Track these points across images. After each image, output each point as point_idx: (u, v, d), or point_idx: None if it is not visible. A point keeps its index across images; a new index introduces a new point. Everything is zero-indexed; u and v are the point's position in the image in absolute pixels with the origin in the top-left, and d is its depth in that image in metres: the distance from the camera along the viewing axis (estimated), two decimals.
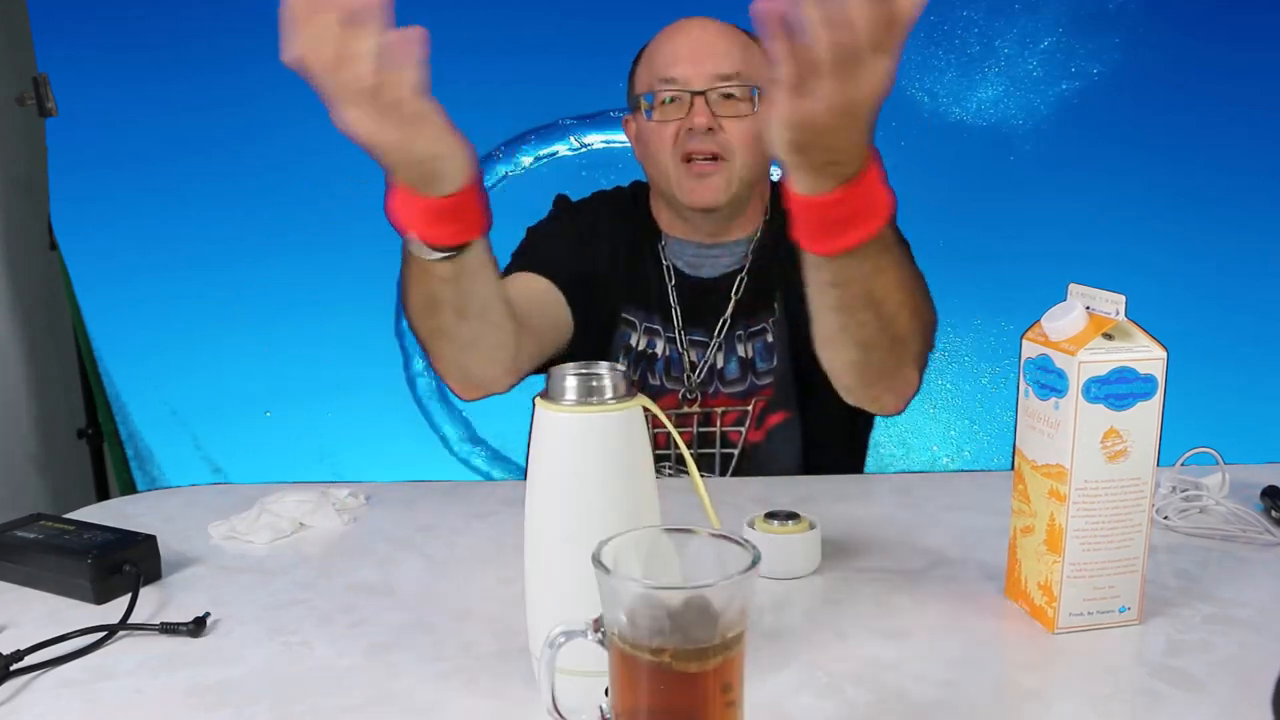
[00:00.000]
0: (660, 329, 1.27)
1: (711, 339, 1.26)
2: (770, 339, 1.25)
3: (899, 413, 1.04)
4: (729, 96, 1.16)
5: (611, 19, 1.45)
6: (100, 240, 2.18)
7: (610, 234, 1.30)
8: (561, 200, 1.36)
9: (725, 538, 0.54)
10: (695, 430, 1.25)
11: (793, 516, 0.87)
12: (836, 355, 0.94)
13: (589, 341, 1.24)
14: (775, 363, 1.24)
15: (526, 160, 2.29)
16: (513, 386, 1.08)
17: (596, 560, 0.51)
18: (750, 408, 1.24)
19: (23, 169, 2.27)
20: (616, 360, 1.27)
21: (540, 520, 0.64)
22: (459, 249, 0.85)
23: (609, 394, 0.62)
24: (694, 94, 1.16)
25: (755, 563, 0.51)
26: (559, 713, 0.57)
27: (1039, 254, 2.16)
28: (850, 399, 1.01)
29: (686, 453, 0.66)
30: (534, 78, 2.19)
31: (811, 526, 0.88)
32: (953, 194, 2.23)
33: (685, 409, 1.25)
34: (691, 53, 1.17)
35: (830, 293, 0.85)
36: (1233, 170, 2.19)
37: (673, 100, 1.17)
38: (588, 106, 2.19)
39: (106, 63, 2.15)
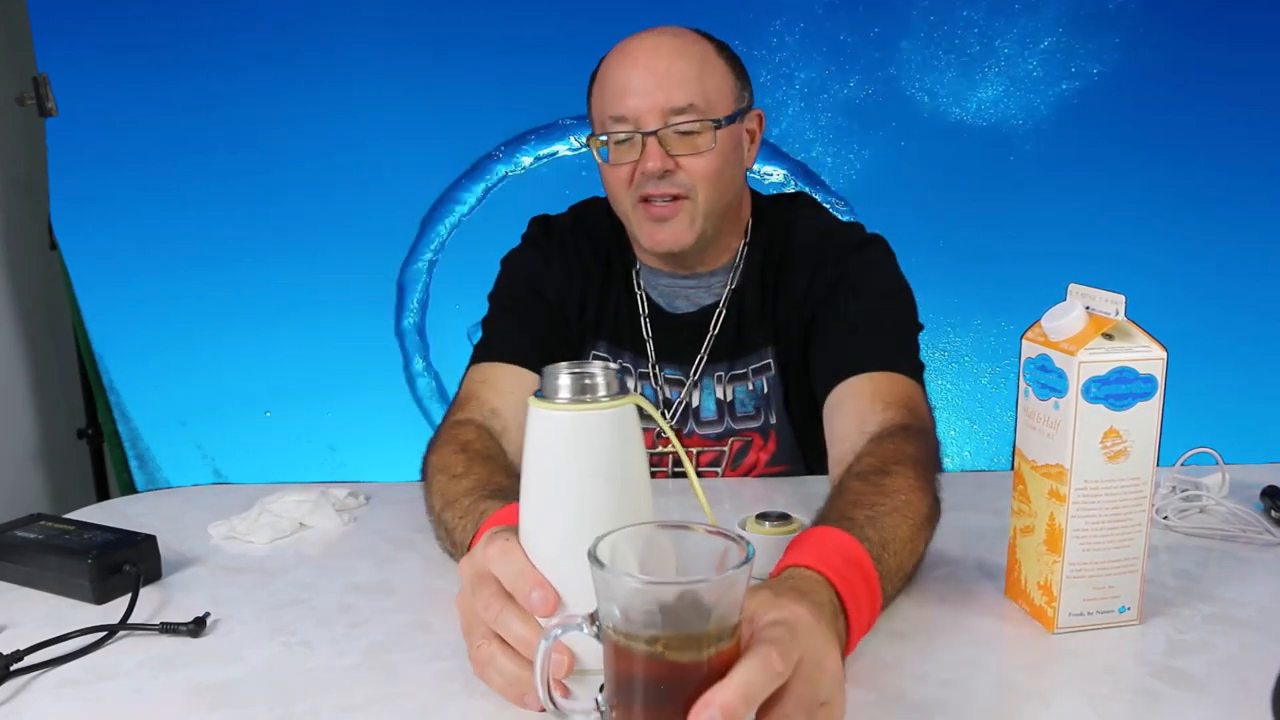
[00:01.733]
0: (632, 366, 1.21)
1: (688, 378, 1.19)
2: (751, 387, 1.18)
3: None
4: (686, 133, 1.07)
5: (612, 19, 1.45)
6: (100, 240, 2.18)
7: (581, 265, 1.22)
8: (534, 229, 1.26)
9: (720, 533, 0.54)
10: (670, 471, 1.20)
11: (784, 518, 0.87)
12: None
13: None
14: (767, 412, 1.18)
15: (526, 160, 2.29)
16: None
17: (592, 555, 0.52)
18: (726, 449, 1.19)
19: (23, 169, 2.27)
20: None
21: (534, 518, 0.64)
22: None
23: (602, 392, 0.62)
24: (645, 135, 1.06)
25: (749, 559, 0.51)
26: (555, 706, 0.58)
27: (1039, 254, 2.16)
28: None
29: (681, 451, 0.65)
30: (534, 78, 2.19)
31: (803, 527, 0.87)
32: (953, 194, 2.23)
33: (660, 448, 1.19)
34: (642, 84, 1.06)
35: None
36: (1233, 170, 2.19)
37: (626, 140, 1.08)
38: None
39: (106, 63, 2.15)
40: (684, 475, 1.16)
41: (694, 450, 1.19)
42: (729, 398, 1.18)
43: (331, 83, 2.21)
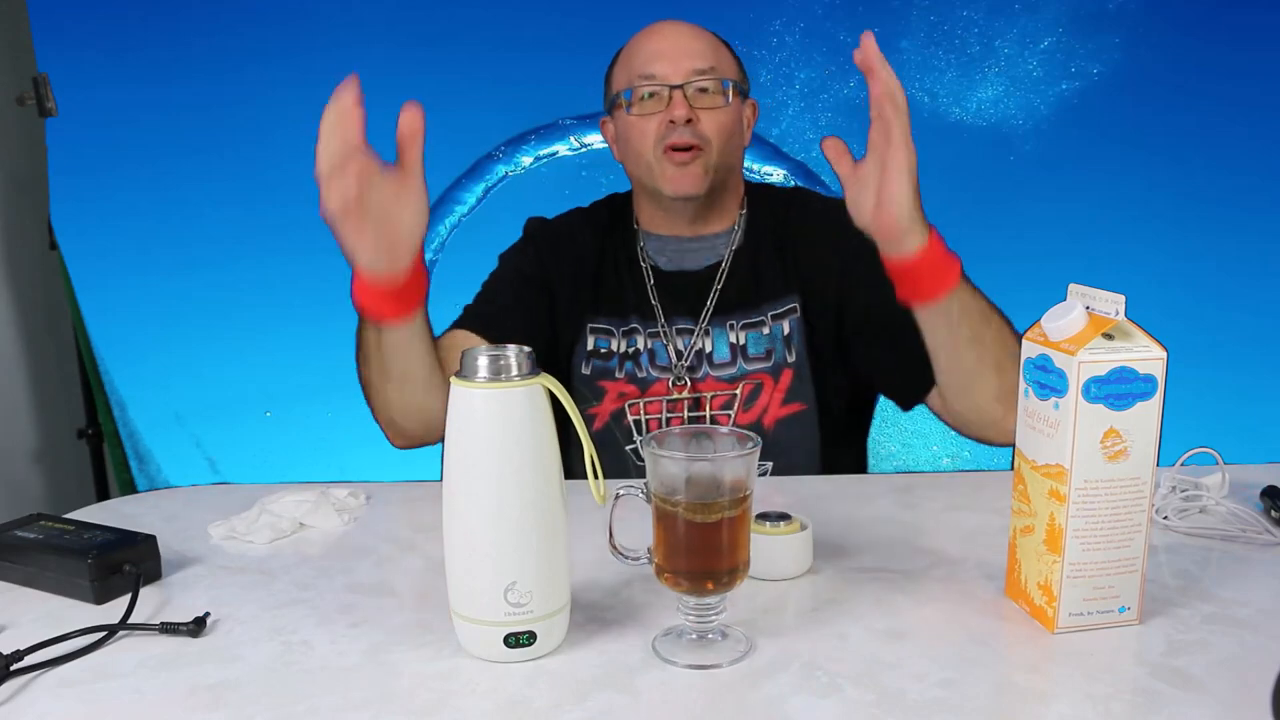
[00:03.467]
0: (640, 326, 1.30)
1: (698, 325, 1.29)
2: (768, 331, 1.27)
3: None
4: (704, 90, 1.24)
5: (611, 19, 1.46)
6: (100, 240, 2.18)
7: (578, 249, 1.34)
8: (531, 224, 1.40)
9: (743, 434, 0.73)
10: (685, 415, 1.28)
11: (784, 517, 0.87)
12: (984, 389, 1.08)
13: (552, 357, 1.30)
14: (784, 351, 1.27)
15: (526, 160, 2.29)
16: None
17: (647, 442, 0.72)
18: (738, 391, 1.27)
19: (23, 169, 2.27)
20: (581, 366, 1.31)
21: (454, 484, 0.72)
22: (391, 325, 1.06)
23: (514, 372, 0.70)
24: (672, 88, 1.23)
25: (753, 448, 0.71)
26: (618, 550, 0.76)
27: (1039, 254, 2.15)
28: (993, 435, 1.12)
29: (583, 431, 0.73)
30: (534, 78, 2.19)
31: (803, 527, 0.87)
32: (953, 194, 2.22)
33: (674, 394, 1.28)
34: (669, 50, 1.25)
35: (960, 328, 1.04)
36: (1233, 170, 2.19)
37: (652, 95, 1.24)
38: (588, 106, 2.18)
39: (106, 63, 2.15)
40: (699, 419, 1.30)
41: (707, 394, 1.28)
42: (741, 342, 1.28)
43: (331, 83, 2.20)
